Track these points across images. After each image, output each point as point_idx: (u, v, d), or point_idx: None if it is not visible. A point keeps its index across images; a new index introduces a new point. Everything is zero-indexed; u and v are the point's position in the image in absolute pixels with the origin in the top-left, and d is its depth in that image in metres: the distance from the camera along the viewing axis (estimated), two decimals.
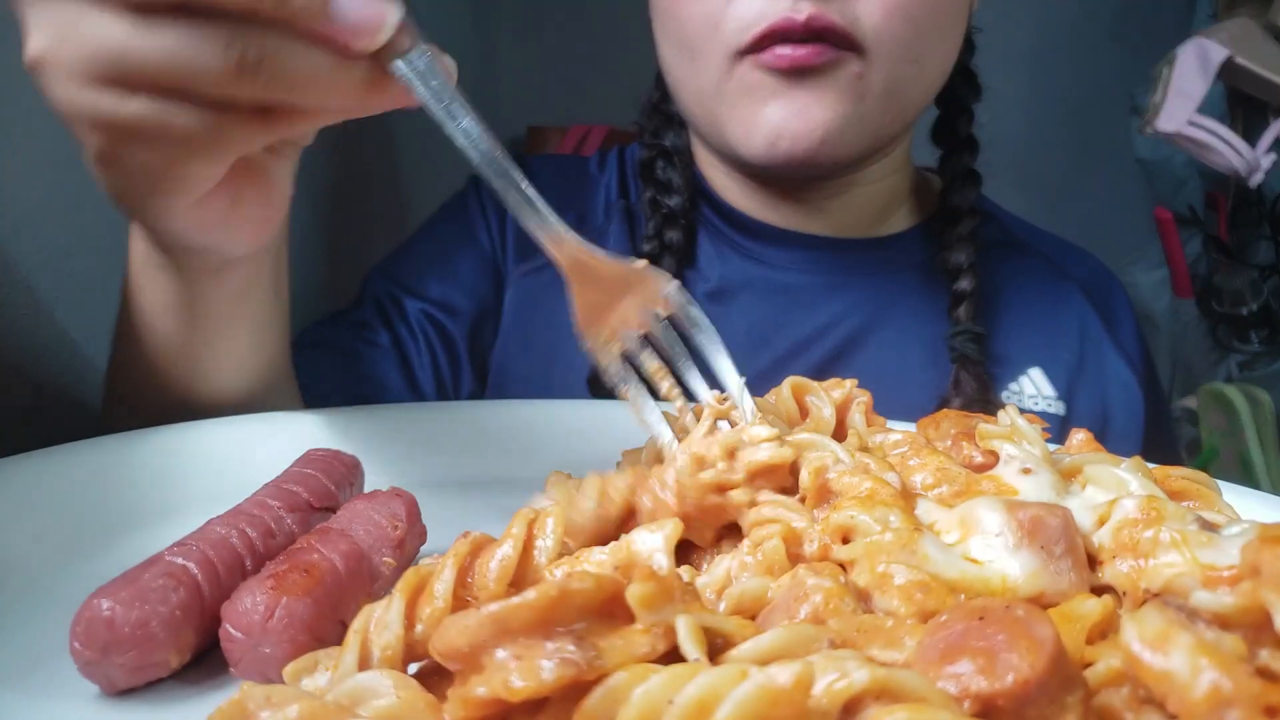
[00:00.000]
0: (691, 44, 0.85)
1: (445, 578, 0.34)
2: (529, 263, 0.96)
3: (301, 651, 0.37)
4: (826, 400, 0.53)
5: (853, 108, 0.82)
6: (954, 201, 0.99)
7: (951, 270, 0.95)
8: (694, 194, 0.99)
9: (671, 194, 0.97)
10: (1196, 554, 0.34)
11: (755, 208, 0.97)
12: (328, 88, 0.45)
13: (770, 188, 0.95)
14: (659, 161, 0.99)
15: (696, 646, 0.29)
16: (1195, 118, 1.70)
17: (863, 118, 0.83)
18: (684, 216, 0.97)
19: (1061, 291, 1.02)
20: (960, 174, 1.00)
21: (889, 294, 0.96)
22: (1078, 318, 1.00)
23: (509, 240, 0.99)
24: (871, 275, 0.97)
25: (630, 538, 0.36)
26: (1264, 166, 1.73)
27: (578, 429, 0.66)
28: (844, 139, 0.83)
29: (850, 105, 0.82)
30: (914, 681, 0.27)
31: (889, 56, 0.81)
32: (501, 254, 0.99)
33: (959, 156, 1.02)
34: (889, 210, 1.01)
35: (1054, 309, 1.00)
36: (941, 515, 0.39)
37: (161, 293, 0.61)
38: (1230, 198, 2.28)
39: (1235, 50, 1.68)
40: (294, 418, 0.65)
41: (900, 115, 0.89)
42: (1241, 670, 0.26)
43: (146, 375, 0.65)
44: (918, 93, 0.89)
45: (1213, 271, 2.27)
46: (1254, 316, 2.14)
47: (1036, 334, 0.97)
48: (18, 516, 0.51)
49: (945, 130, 1.03)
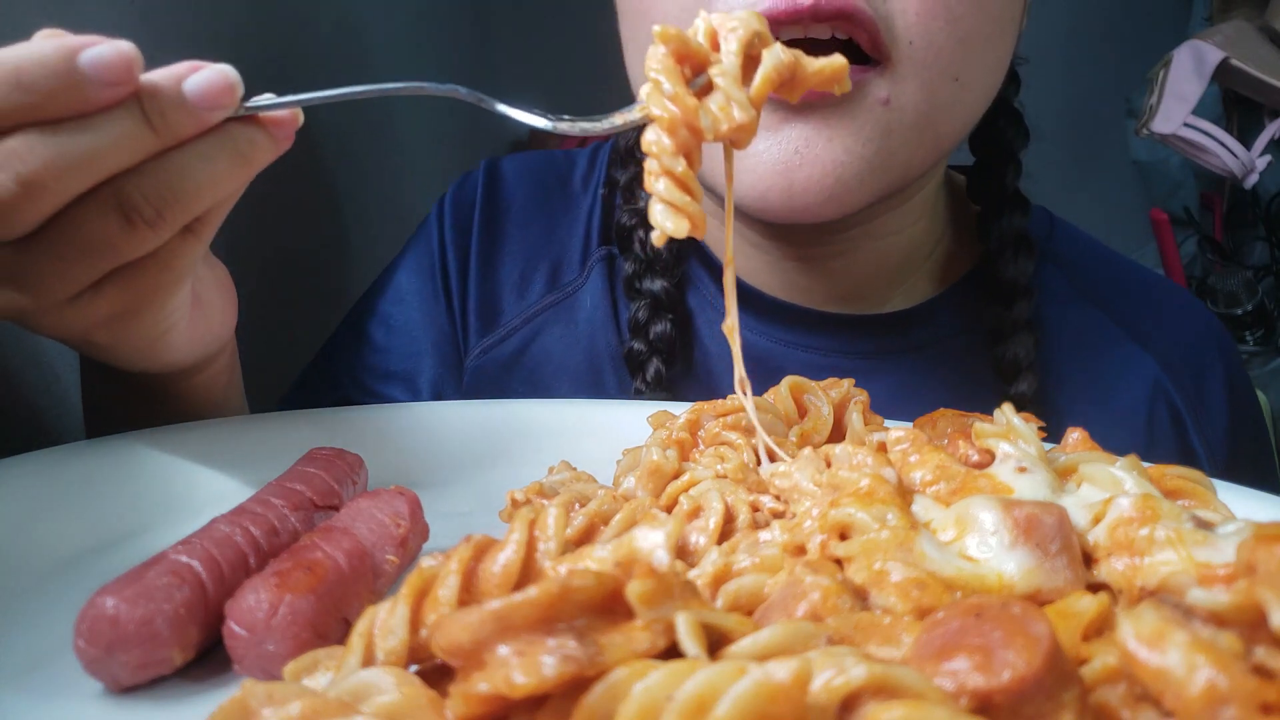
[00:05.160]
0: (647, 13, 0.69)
1: (450, 584, 0.34)
2: (491, 335, 0.87)
3: (305, 648, 0.37)
4: (825, 400, 0.54)
5: (875, 146, 0.66)
6: (1007, 275, 0.78)
7: (1006, 368, 0.77)
8: (682, 274, 0.84)
9: (655, 275, 0.82)
10: (1192, 552, 0.35)
11: (751, 269, 0.81)
12: (219, 173, 0.47)
13: (769, 239, 0.79)
14: (639, 233, 0.83)
15: (696, 643, 0.30)
16: (1191, 120, 1.71)
17: (887, 159, 0.67)
18: (671, 302, 0.82)
19: (1130, 365, 0.81)
20: (1011, 241, 0.79)
21: (912, 385, 0.78)
22: (1146, 402, 0.80)
23: (470, 314, 0.88)
24: (894, 356, 0.80)
25: (631, 534, 0.37)
26: (1259, 168, 1.74)
27: (578, 429, 0.66)
28: (861, 188, 0.67)
29: (872, 143, 0.65)
30: (911, 678, 0.27)
31: (925, 68, 0.65)
32: (463, 326, 0.89)
33: (1008, 217, 0.81)
34: (911, 265, 0.83)
35: (1117, 385, 0.80)
36: (937, 513, 0.39)
37: (123, 407, 0.64)
38: (1225, 199, 2.29)
39: (1230, 53, 1.68)
40: (297, 417, 0.65)
41: (934, 149, 0.71)
42: (1237, 667, 0.27)
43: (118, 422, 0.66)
44: (956, 122, 0.71)
45: (1208, 272, 2.28)
46: (1249, 317, 2.15)
47: (1090, 407, 0.79)
48: (23, 515, 0.51)
49: (985, 182, 0.83)
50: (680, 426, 0.53)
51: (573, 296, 0.88)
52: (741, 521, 0.44)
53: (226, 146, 0.47)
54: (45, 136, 0.43)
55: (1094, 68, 2.36)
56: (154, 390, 0.62)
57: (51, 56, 0.42)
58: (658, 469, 0.49)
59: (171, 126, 0.45)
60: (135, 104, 0.44)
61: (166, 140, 0.45)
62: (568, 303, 0.88)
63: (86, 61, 0.42)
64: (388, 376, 0.87)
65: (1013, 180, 0.82)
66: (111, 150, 0.44)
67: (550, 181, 0.93)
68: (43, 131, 0.43)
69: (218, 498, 0.51)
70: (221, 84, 0.45)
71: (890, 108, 0.65)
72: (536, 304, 0.88)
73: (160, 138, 0.45)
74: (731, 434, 0.51)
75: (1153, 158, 2.34)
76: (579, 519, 0.45)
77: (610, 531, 0.44)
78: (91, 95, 0.43)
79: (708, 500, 0.44)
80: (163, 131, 0.45)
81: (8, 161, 0.43)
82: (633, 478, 0.50)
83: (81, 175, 0.44)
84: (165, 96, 0.45)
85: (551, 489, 0.52)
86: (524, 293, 0.88)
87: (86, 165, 0.44)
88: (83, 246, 0.46)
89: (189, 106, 0.45)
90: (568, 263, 0.89)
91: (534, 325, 0.87)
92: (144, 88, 0.44)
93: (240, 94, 0.46)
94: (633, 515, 0.45)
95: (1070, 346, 0.81)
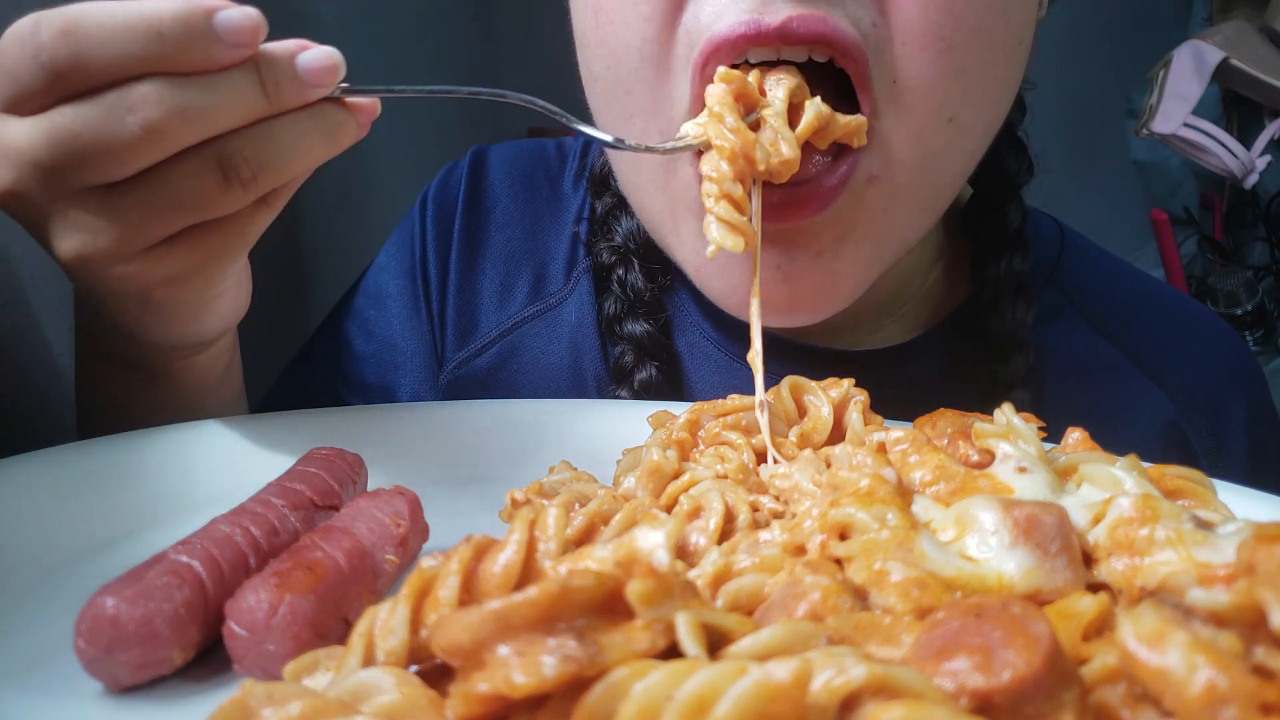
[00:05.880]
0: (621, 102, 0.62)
1: (450, 585, 0.34)
2: (467, 347, 0.83)
3: (305, 648, 0.37)
4: (825, 399, 0.54)
5: (865, 256, 0.61)
6: (1001, 327, 0.72)
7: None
8: (666, 317, 0.79)
9: (638, 318, 0.76)
10: (1192, 552, 0.35)
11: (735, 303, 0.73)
12: (310, 147, 0.50)
13: None
14: (619, 272, 0.78)
15: (696, 643, 0.30)
16: (1191, 120, 1.71)
17: (880, 251, 0.62)
18: (656, 347, 0.76)
19: (1142, 404, 0.75)
20: (1011, 287, 0.72)
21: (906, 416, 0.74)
22: (1158, 444, 0.75)
23: (448, 324, 0.85)
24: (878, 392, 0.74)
25: (632, 534, 0.37)
26: (1259, 168, 1.74)
27: (578, 428, 0.66)
28: (853, 296, 0.62)
29: (861, 256, 0.61)
30: (911, 678, 0.27)
31: (913, 112, 0.58)
32: (441, 336, 0.85)
33: (1006, 260, 0.73)
34: (902, 296, 0.77)
35: (1126, 426, 0.74)
36: (937, 513, 0.39)
37: (121, 386, 0.65)
38: (1225, 199, 2.29)
39: (1230, 53, 1.68)
40: (297, 417, 0.65)
41: (931, 206, 0.65)
42: (1237, 667, 0.27)
43: (114, 416, 0.66)
44: (951, 171, 0.63)
45: (1208, 272, 2.28)
46: (1249, 317, 2.16)
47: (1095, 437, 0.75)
48: (23, 515, 0.51)
49: (982, 218, 0.76)
50: (680, 426, 0.53)
51: (556, 309, 0.82)
52: (741, 521, 0.44)
53: (319, 123, 0.50)
54: (173, 87, 0.46)
55: (1094, 68, 2.36)
56: (155, 368, 0.63)
57: (189, 13, 0.45)
58: (658, 469, 0.49)
59: (282, 95, 0.48)
60: (253, 69, 0.47)
61: (275, 107, 0.48)
62: (551, 315, 0.82)
63: (220, 21, 0.46)
64: (365, 389, 0.84)
65: (1015, 218, 0.74)
66: (228, 109, 0.47)
67: (538, 178, 0.88)
68: (170, 82, 0.46)
69: (218, 498, 0.51)
70: (329, 63, 0.48)
71: (879, 182, 0.59)
72: (516, 315, 0.83)
73: (270, 104, 0.48)
74: (731, 434, 0.51)
75: (1153, 158, 2.34)
76: (579, 519, 0.45)
77: (610, 531, 0.44)
78: (218, 54, 0.46)
79: (708, 500, 0.44)
80: (274, 99, 0.48)
81: (138, 106, 0.46)
82: (633, 478, 0.50)
83: (198, 128, 0.47)
84: (281, 66, 0.48)
85: (551, 489, 0.52)
86: (505, 301, 0.84)
87: (205, 119, 0.47)
88: (176, 198, 0.49)
89: (299, 79, 0.48)
90: (552, 271, 0.84)
91: (513, 339, 0.82)
92: (262, 56, 0.48)
93: (342, 76, 0.49)
94: (633, 515, 0.45)
95: (1076, 384, 0.76)
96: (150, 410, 0.65)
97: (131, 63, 0.46)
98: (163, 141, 0.47)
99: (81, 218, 0.49)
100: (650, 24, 0.58)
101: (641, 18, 0.59)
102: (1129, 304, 0.80)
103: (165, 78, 0.46)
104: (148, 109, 0.46)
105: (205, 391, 0.67)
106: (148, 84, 0.46)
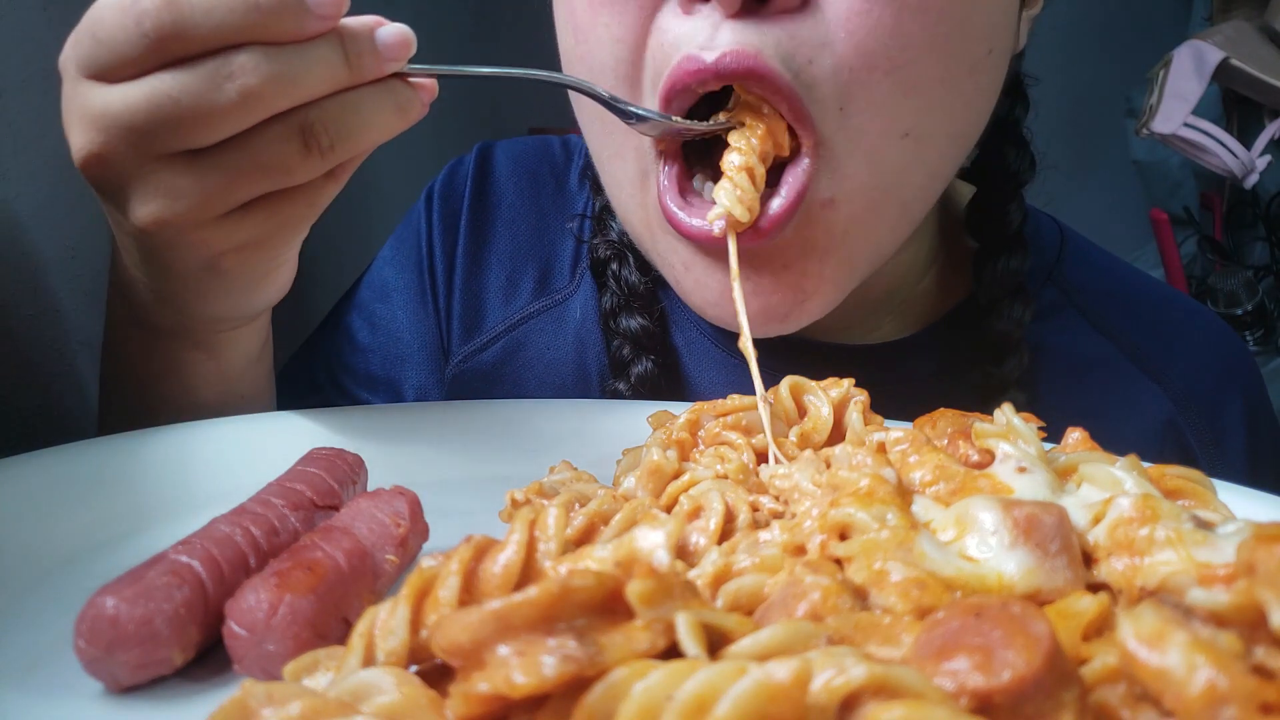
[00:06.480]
0: (602, 119, 0.63)
1: (450, 585, 0.34)
2: (473, 341, 0.84)
3: (305, 648, 0.37)
4: (825, 399, 0.54)
5: (831, 274, 0.62)
6: (998, 327, 0.73)
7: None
8: (662, 310, 0.79)
9: (633, 312, 0.77)
10: (1192, 552, 0.35)
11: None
12: (384, 119, 0.51)
13: None
14: (613, 266, 0.79)
15: (696, 643, 0.30)
16: (1191, 119, 1.71)
17: (848, 269, 0.63)
18: (652, 341, 0.77)
19: (1140, 402, 0.76)
20: (1009, 288, 0.73)
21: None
22: (1156, 441, 0.76)
23: (454, 318, 0.85)
24: (875, 389, 0.74)
25: (632, 534, 0.37)
26: (1259, 168, 1.74)
27: (578, 428, 0.66)
28: (825, 309, 0.64)
29: (828, 274, 0.62)
30: (911, 678, 0.27)
31: (863, 134, 0.58)
32: (447, 330, 0.85)
33: (1004, 260, 0.73)
34: (900, 293, 0.77)
35: (1124, 424, 0.75)
36: (937, 513, 0.39)
37: (161, 359, 0.65)
38: (1225, 199, 2.29)
39: (1230, 52, 1.68)
40: (297, 417, 0.65)
41: (902, 218, 0.65)
42: (1237, 667, 0.27)
43: (138, 397, 0.67)
44: (918, 183, 0.63)
45: (1208, 272, 2.28)
46: (1249, 316, 2.15)
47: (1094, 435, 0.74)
48: (23, 515, 0.51)
49: (983, 217, 0.76)
50: (680, 426, 0.53)
51: (562, 305, 0.83)
52: (741, 521, 0.44)
53: (392, 98, 0.52)
54: (268, 56, 0.48)
55: (1094, 67, 2.36)
56: (199, 338, 0.64)
57: None
58: (658, 469, 0.49)
59: (363, 66, 0.50)
60: (337, 40, 0.49)
61: (356, 79, 0.50)
62: (556, 311, 0.83)
63: None
64: (370, 381, 0.84)
65: (1016, 217, 0.74)
66: (315, 77, 0.49)
67: (544, 174, 0.89)
68: (266, 51, 0.48)
69: (218, 498, 0.51)
70: (404, 40, 0.51)
71: (836, 205, 0.59)
72: (522, 310, 0.84)
73: (352, 75, 0.50)
74: (732, 434, 0.51)
75: (1153, 158, 2.34)
76: (579, 519, 0.45)
77: (610, 531, 0.44)
78: (308, 25, 0.48)
79: (708, 500, 0.44)
80: (355, 70, 0.50)
81: (237, 74, 0.47)
82: (633, 478, 0.50)
83: (289, 95, 0.48)
84: (363, 39, 0.50)
85: (551, 489, 0.52)
86: (510, 297, 0.84)
87: (296, 86, 0.48)
88: (257, 165, 0.50)
89: (378, 53, 0.50)
90: (558, 267, 0.84)
91: (518, 334, 0.83)
92: (345, 29, 0.49)
93: (414, 52, 0.51)
94: (633, 515, 0.45)
95: (1073, 381, 0.76)
96: (191, 385, 0.66)
97: (231, 32, 0.47)
98: (257, 107, 0.48)
99: (166, 181, 0.50)
100: (622, 45, 0.60)
101: (614, 39, 0.60)
102: (1128, 302, 0.81)
103: (261, 47, 0.48)
104: (245, 76, 0.47)
105: (246, 364, 0.68)
106: (245, 53, 0.47)
